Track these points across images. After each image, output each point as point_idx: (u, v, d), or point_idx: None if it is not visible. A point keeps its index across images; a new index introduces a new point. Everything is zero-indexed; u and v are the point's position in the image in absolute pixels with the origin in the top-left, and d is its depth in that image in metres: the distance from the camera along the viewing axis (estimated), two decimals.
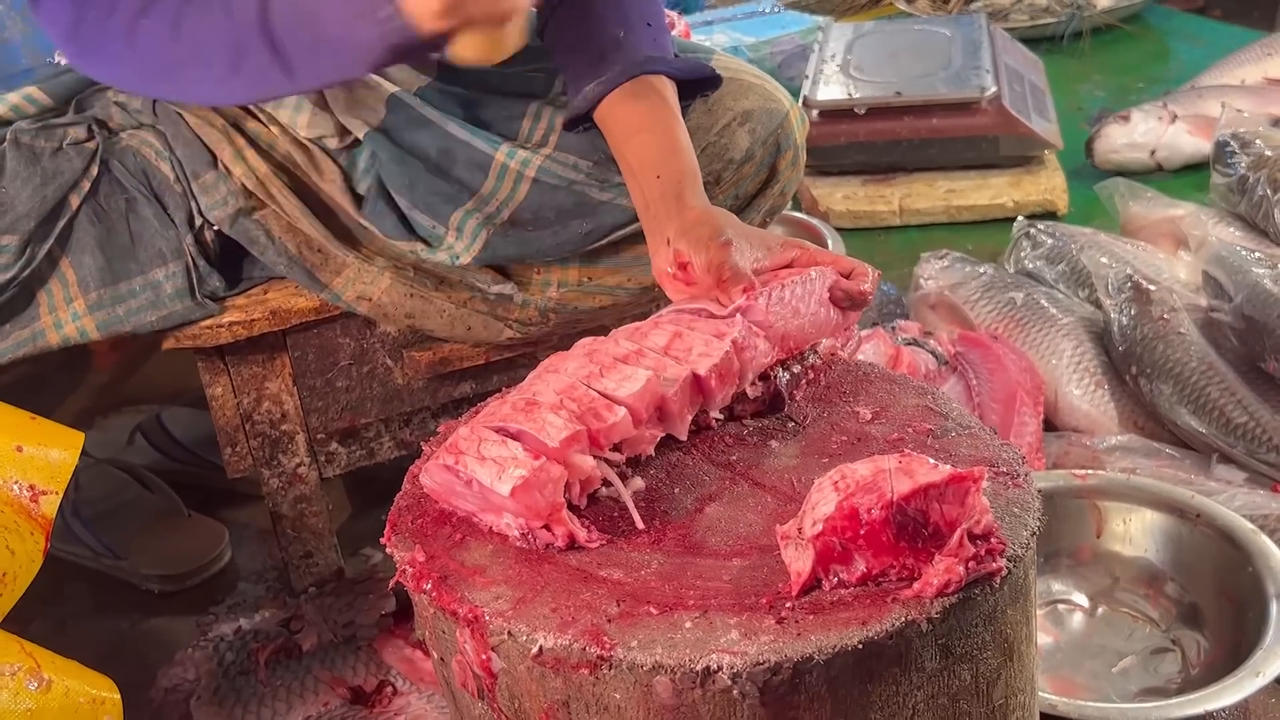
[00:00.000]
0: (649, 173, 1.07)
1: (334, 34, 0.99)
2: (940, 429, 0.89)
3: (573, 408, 0.81)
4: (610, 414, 0.82)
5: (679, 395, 0.85)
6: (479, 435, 0.81)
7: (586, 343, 0.90)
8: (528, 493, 0.77)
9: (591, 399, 0.82)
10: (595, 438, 0.81)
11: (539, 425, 0.80)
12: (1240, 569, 1.20)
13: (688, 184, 1.05)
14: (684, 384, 0.85)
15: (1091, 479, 1.34)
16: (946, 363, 1.63)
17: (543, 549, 0.79)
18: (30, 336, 1.22)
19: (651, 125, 1.09)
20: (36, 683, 0.88)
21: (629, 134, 1.10)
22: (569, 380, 0.84)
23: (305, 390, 1.35)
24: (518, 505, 0.78)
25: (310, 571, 1.45)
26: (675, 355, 0.87)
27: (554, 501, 0.79)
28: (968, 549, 0.69)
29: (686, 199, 1.03)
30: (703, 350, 0.87)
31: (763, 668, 0.68)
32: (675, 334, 0.89)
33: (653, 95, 1.11)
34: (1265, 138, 1.92)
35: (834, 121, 2.26)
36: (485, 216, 1.23)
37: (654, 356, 0.87)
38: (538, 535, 0.79)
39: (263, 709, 1.32)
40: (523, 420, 0.80)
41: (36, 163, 1.21)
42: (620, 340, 0.89)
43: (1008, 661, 0.76)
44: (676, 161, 1.07)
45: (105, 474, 1.61)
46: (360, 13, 0.97)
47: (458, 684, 0.80)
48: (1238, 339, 1.57)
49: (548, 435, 0.79)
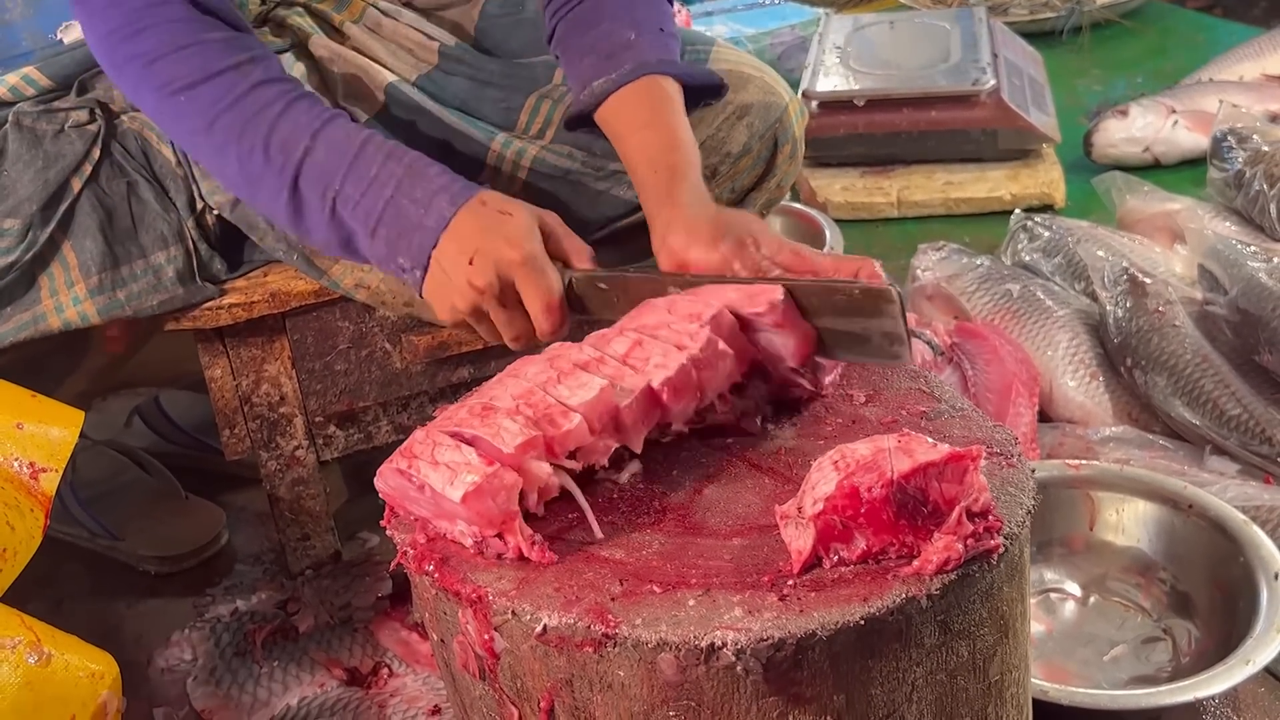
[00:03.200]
0: (648, 169, 1.07)
1: (356, 239, 1.07)
2: (933, 411, 0.89)
3: (529, 413, 0.79)
4: (565, 420, 0.79)
5: (633, 407, 0.82)
6: (434, 439, 0.79)
7: (555, 347, 0.88)
8: (480, 499, 0.75)
9: (548, 405, 0.80)
10: (550, 444, 0.79)
11: (494, 430, 0.78)
12: (1232, 559, 1.21)
13: (680, 180, 1.04)
14: (640, 395, 0.82)
15: (1085, 469, 1.34)
16: (943, 353, 1.64)
17: (495, 559, 0.77)
18: (31, 320, 1.22)
19: (654, 122, 1.09)
20: (36, 656, 0.88)
21: (633, 130, 1.10)
22: (527, 386, 0.82)
23: (304, 373, 1.35)
24: (469, 512, 0.76)
25: (307, 554, 1.45)
26: (633, 365, 0.84)
27: (507, 509, 0.77)
28: (966, 527, 0.70)
29: (678, 196, 1.02)
30: (659, 362, 0.84)
31: (766, 644, 0.68)
32: (636, 342, 0.86)
33: (658, 94, 1.11)
34: (1262, 133, 1.93)
35: (833, 113, 2.26)
36: None
37: (613, 365, 0.84)
38: (490, 544, 0.78)
39: (259, 690, 1.32)
40: (478, 425, 0.78)
41: (39, 145, 1.20)
42: (585, 346, 0.87)
43: (1004, 639, 0.77)
44: (674, 156, 1.06)
45: (103, 456, 1.61)
46: (384, 255, 1.06)
47: (458, 665, 0.80)
48: (1232, 332, 1.58)
49: (502, 441, 0.77)
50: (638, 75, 1.11)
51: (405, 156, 1.07)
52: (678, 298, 0.90)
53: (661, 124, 1.08)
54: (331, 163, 1.05)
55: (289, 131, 1.05)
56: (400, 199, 1.04)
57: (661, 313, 0.89)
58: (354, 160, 1.05)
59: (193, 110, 1.06)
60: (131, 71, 1.08)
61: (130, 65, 1.07)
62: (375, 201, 1.04)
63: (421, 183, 1.05)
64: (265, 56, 1.10)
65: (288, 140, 1.05)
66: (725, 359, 0.86)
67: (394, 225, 1.04)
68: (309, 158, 1.05)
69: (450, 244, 1.02)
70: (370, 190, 1.04)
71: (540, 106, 1.26)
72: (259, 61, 1.09)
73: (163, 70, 1.06)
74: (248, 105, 1.06)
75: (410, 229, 1.03)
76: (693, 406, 0.86)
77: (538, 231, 1.02)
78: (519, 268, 1.00)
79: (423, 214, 1.03)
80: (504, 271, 1.00)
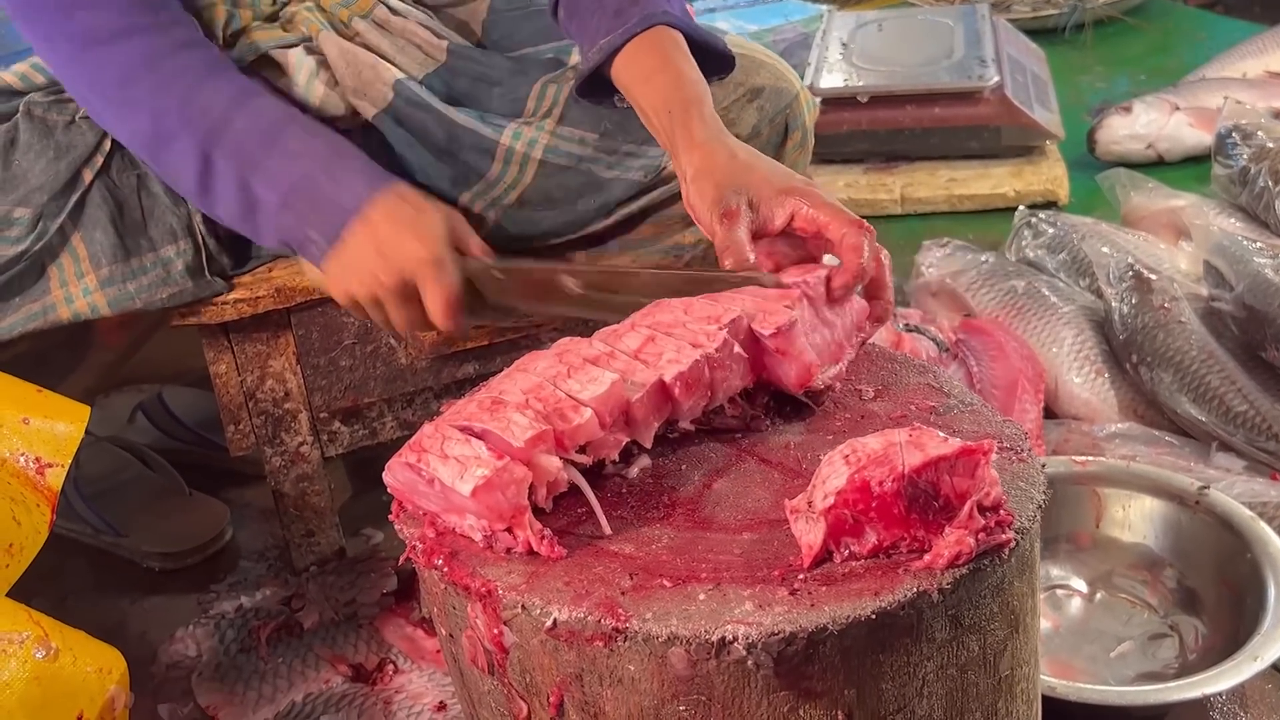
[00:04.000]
0: (662, 112, 1.06)
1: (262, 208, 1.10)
2: (943, 406, 0.89)
3: (539, 407, 0.79)
4: (576, 415, 0.78)
5: (644, 401, 0.82)
6: (443, 433, 0.78)
7: (563, 342, 0.88)
8: (490, 493, 0.75)
9: (558, 399, 0.80)
10: (560, 439, 0.78)
11: (504, 424, 0.77)
12: (1239, 556, 1.21)
13: (693, 113, 1.04)
14: (650, 390, 0.82)
15: (1092, 466, 1.34)
16: (948, 349, 1.64)
17: (504, 553, 0.77)
18: (41, 310, 1.21)
19: (664, 67, 1.09)
20: (44, 651, 0.88)
21: (643, 78, 1.10)
22: (536, 380, 0.82)
23: (309, 369, 1.35)
24: (479, 506, 0.76)
25: (312, 550, 1.45)
26: (645, 360, 0.84)
27: (517, 504, 0.76)
28: (977, 521, 0.70)
29: (694, 132, 1.02)
30: (673, 357, 0.83)
31: (777, 638, 0.68)
32: (649, 338, 0.86)
33: (667, 41, 1.10)
34: (1267, 130, 1.93)
35: (836, 110, 2.26)
36: (492, 199, 1.23)
37: (624, 360, 0.84)
38: (499, 539, 0.77)
39: (264, 686, 1.32)
40: (487, 419, 0.78)
41: (50, 136, 1.20)
42: (595, 341, 0.87)
43: (1014, 633, 0.77)
44: (683, 93, 1.06)
45: (107, 452, 1.61)
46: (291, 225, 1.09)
47: (467, 660, 0.80)
48: (1238, 328, 1.58)
49: (512, 435, 0.76)
50: (645, 26, 1.11)
51: (329, 136, 1.12)
52: (694, 301, 0.90)
53: (670, 68, 1.09)
54: (252, 135, 1.09)
55: (210, 98, 1.09)
56: (319, 175, 1.08)
57: (677, 312, 0.88)
58: (276, 135, 1.09)
59: (110, 63, 1.08)
60: (46, 19, 1.09)
61: (45, 13, 1.09)
62: (294, 174, 1.09)
63: (342, 163, 1.10)
64: (188, 20, 1.13)
65: (208, 107, 1.09)
66: (740, 362, 0.86)
67: (309, 199, 1.08)
68: (228, 127, 1.09)
69: (362, 229, 1.07)
70: (290, 164, 1.09)
71: (547, 90, 1.26)
72: (182, 23, 1.12)
73: (82, 20, 1.08)
74: (169, 66, 1.09)
75: (325, 204, 1.08)
76: (702, 405, 0.86)
77: (447, 235, 1.07)
78: (425, 266, 1.05)
79: (340, 192, 1.08)
80: (409, 268, 1.05)
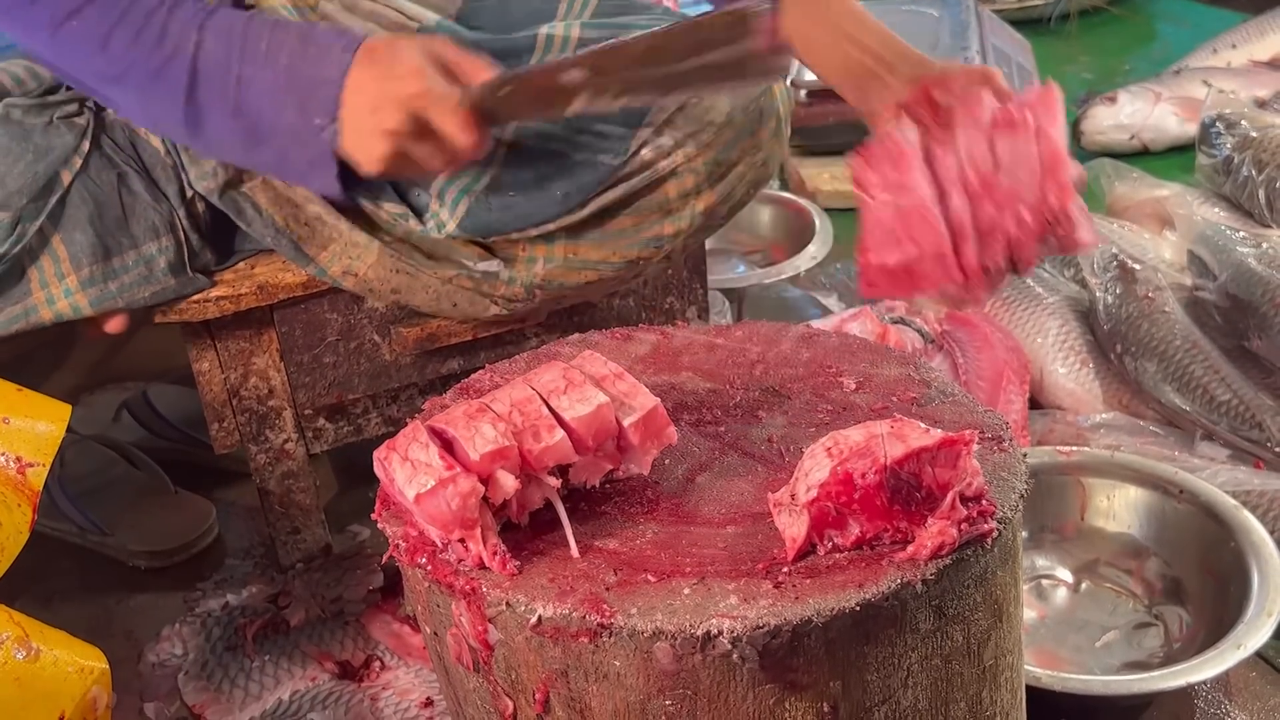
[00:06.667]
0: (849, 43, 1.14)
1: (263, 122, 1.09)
2: (924, 397, 0.89)
3: (517, 421, 0.77)
4: (549, 435, 0.77)
5: (639, 426, 0.79)
6: (414, 434, 0.78)
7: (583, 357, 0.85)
8: (434, 502, 0.74)
9: (539, 416, 0.78)
10: (526, 457, 0.77)
11: (470, 435, 0.76)
12: (1223, 544, 1.22)
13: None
14: (647, 415, 0.79)
15: (1076, 456, 1.35)
16: (933, 341, 1.64)
17: (456, 564, 0.76)
18: (23, 312, 1.21)
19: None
20: (24, 651, 0.87)
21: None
22: (529, 393, 0.80)
23: (292, 366, 1.34)
24: (423, 513, 0.75)
25: (298, 547, 1.44)
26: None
27: (464, 516, 0.74)
28: (960, 511, 0.70)
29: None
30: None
31: (762, 631, 0.68)
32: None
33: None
34: (1250, 119, 1.93)
35: (821, 101, 2.26)
36: (463, 187, 1.22)
37: (629, 382, 0.81)
38: (453, 548, 0.76)
39: (250, 684, 1.32)
40: (460, 427, 0.77)
41: (28, 139, 1.20)
42: (609, 361, 0.84)
43: (997, 623, 0.77)
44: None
45: (91, 450, 1.60)
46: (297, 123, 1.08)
47: (452, 658, 0.80)
48: (1222, 317, 1.59)
49: (473, 447, 0.75)
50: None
51: (291, 24, 1.12)
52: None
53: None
54: (222, 50, 1.09)
55: (178, 32, 1.08)
56: (298, 63, 1.08)
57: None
58: (243, 41, 1.09)
59: (85, 32, 1.08)
60: (16, 14, 1.09)
61: (13, 10, 1.08)
62: (275, 73, 1.09)
63: (313, 41, 1.09)
64: None
65: (179, 43, 1.08)
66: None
67: (299, 88, 1.08)
68: (200, 51, 1.08)
69: (353, 98, 1.07)
70: (267, 64, 1.08)
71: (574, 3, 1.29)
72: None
73: (45, 5, 1.07)
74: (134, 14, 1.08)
75: (315, 86, 1.08)
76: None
77: (429, 62, 1.07)
78: (421, 99, 1.05)
79: (323, 68, 1.08)
80: (409, 108, 1.05)
